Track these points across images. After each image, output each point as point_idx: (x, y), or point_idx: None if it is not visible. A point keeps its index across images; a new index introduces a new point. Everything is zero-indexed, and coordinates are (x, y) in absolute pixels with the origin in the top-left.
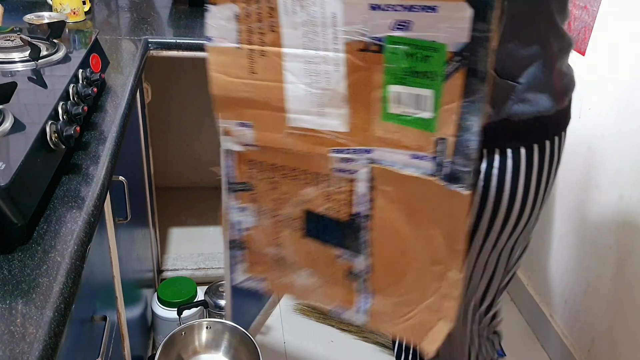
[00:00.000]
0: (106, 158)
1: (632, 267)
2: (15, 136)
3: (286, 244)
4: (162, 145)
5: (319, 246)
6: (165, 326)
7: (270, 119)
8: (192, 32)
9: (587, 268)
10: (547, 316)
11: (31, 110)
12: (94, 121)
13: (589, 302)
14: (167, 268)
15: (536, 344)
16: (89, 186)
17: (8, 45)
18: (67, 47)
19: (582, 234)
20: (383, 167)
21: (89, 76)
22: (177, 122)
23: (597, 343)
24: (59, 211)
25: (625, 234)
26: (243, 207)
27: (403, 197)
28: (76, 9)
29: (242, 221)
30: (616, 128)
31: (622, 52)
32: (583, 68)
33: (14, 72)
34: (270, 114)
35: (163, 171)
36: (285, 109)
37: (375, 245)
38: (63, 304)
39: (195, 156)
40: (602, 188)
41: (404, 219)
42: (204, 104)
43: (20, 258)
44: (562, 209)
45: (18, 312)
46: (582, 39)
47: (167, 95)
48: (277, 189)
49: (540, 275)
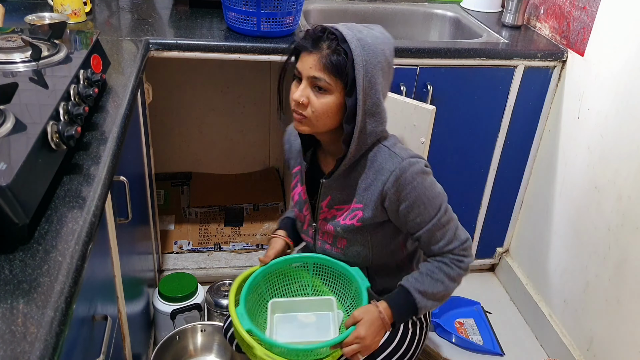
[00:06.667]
0: (107, 158)
1: (630, 267)
2: (16, 136)
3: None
4: (162, 145)
5: None
6: (166, 321)
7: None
8: (193, 33)
9: (586, 268)
10: (546, 316)
11: (32, 111)
12: (95, 121)
13: (588, 301)
14: (167, 267)
15: (535, 343)
16: (90, 186)
17: (9, 45)
18: (68, 47)
19: (582, 234)
20: None
21: (90, 77)
22: (178, 123)
23: (595, 342)
24: (60, 211)
25: (625, 234)
26: None
27: None
28: (77, 9)
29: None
30: (615, 128)
31: (621, 53)
32: (582, 68)
33: (15, 72)
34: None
35: (163, 171)
36: None
37: None
38: (64, 303)
39: (195, 156)
40: (602, 188)
41: None
42: (204, 104)
43: (22, 258)
44: (562, 209)
45: (19, 312)
46: (581, 39)
47: (168, 95)
48: None
49: (540, 275)
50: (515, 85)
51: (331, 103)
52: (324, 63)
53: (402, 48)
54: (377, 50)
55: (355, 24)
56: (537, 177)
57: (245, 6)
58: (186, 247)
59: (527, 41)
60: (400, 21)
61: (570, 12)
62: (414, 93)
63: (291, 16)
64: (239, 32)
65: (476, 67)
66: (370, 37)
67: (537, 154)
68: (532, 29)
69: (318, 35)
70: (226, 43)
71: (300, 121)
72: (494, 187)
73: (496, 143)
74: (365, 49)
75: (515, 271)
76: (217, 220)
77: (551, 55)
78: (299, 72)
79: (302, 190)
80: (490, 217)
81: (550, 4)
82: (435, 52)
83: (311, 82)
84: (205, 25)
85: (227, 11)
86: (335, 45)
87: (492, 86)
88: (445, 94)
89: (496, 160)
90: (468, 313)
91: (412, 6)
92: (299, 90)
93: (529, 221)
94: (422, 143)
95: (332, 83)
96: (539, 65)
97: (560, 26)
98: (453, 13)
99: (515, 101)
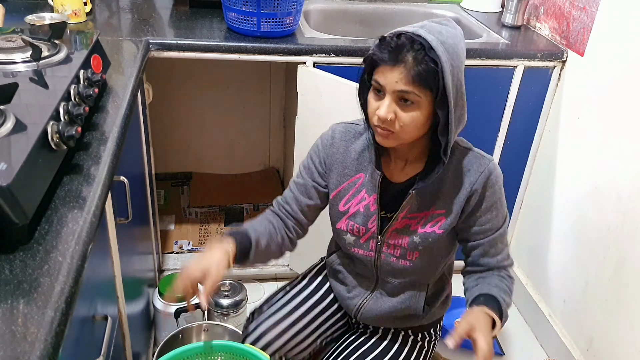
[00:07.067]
0: (107, 158)
1: (630, 267)
2: (16, 136)
3: None
4: (162, 145)
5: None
6: (166, 321)
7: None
8: (193, 33)
9: (586, 268)
10: (546, 315)
11: (32, 111)
12: (95, 122)
13: (587, 301)
14: (168, 267)
15: (535, 343)
16: (90, 186)
17: (9, 46)
18: (68, 47)
19: (581, 234)
20: None
21: (90, 77)
22: (178, 123)
23: (595, 342)
24: (61, 211)
25: (624, 234)
26: None
27: None
28: (77, 10)
29: None
30: (615, 128)
31: (621, 53)
32: (582, 68)
33: (16, 72)
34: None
35: (163, 171)
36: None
37: None
38: (64, 303)
39: (195, 156)
40: (602, 188)
41: None
42: (204, 105)
43: (22, 258)
44: (562, 209)
45: (19, 312)
46: (581, 39)
47: (168, 95)
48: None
49: (539, 274)
50: (515, 85)
51: (421, 116)
52: (413, 75)
53: None
54: (459, 51)
55: (432, 24)
56: (537, 177)
57: (245, 6)
58: (186, 247)
59: (527, 41)
60: (400, 21)
61: (570, 12)
62: None
63: (291, 16)
64: (239, 33)
65: (476, 67)
66: (451, 37)
67: (537, 154)
68: (532, 29)
69: (399, 45)
70: (226, 43)
71: (387, 137)
72: None
73: (496, 143)
74: (450, 53)
75: (515, 271)
76: (217, 220)
77: (551, 56)
78: (380, 85)
79: (371, 200)
80: None
81: (550, 4)
82: None
83: (397, 96)
84: (205, 25)
85: (227, 11)
86: (422, 56)
87: (492, 86)
88: None
89: (496, 161)
90: None
91: (412, 6)
92: (385, 107)
93: (529, 221)
94: None
95: (421, 95)
96: (538, 66)
97: (560, 26)
98: (453, 13)
99: (515, 101)
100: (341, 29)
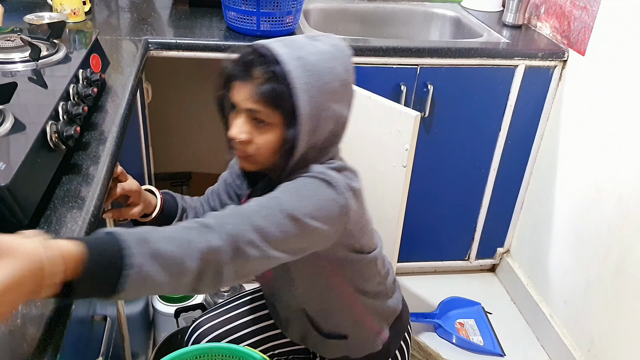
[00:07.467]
0: (106, 158)
1: (631, 268)
2: (15, 136)
3: None
4: (162, 145)
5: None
6: (166, 322)
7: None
8: (192, 32)
9: (587, 268)
10: (546, 316)
11: (31, 111)
12: (94, 121)
13: (588, 302)
14: None
15: (536, 344)
16: (89, 186)
17: (8, 45)
18: (67, 47)
19: (582, 234)
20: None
21: (89, 76)
22: (177, 122)
23: (596, 343)
24: (60, 211)
25: (625, 234)
26: None
27: None
28: (76, 9)
29: None
30: (616, 128)
31: (622, 52)
32: (583, 68)
33: (14, 72)
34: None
35: (163, 171)
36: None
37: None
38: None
39: (195, 156)
40: (603, 188)
41: None
42: (204, 104)
43: None
44: (563, 209)
45: (19, 312)
46: (582, 39)
47: (168, 95)
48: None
49: (540, 275)
50: (516, 85)
51: (276, 138)
52: (259, 93)
53: (402, 47)
54: (323, 69)
55: (298, 38)
56: (538, 177)
57: (245, 5)
58: None
59: (528, 41)
60: (401, 21)
61: (571, 11)
62: (414, 93)
63: (291, 15)
64: (239, 32)
65: (477, 67)
66: (315, 54)
67: (538, 154)
68: (532, 29)
69: (249, 59)
70: (226, 42)
71: (245, 159)
72: (495, 187)
73: (497, 143)
74: (307, 70)
75: (515, 271)
76: None
77: (552, 55)
78: (234, 102)
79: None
80: (491, 217)
81: (551, 3)
82: (435, 51)
83: (249, 115)
84: (204, 24)
85: (226, 10)
86: (268, 69)
87: (492, 86)
88: (445, 94)
89: (497, 160)
90: (469, 313)
91: (413, 5)
92: (236, 126)
93: (530, 221)
94: (407, 150)
95: (271, 115)
96: (539, 65)
97: (561, 26)
98: (453, 12)
99: (516, 101)
100: (341, 29)
